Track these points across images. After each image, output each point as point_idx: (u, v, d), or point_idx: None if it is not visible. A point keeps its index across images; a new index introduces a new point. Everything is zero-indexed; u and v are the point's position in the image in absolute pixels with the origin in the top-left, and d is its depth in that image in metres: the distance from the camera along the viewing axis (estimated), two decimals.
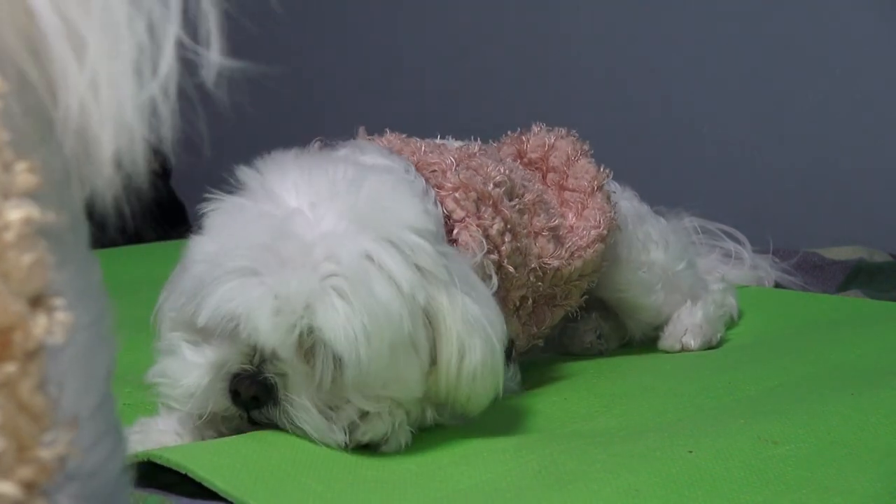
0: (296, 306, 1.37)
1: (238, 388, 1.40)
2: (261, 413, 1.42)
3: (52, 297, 0.66)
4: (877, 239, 2.76)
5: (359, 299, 1.37)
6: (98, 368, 0.76)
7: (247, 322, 1.38)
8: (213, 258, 1.41)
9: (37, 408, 0.64)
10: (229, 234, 1.43)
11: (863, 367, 1.79)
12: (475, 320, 1.46)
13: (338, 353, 1.38)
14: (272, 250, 1.38)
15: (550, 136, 1.87)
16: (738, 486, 1.31)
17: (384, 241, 1.41)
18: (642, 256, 1.94)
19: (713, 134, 3.12)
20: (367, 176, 1.48)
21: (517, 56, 3.39)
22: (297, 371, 1.40)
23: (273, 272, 1.37)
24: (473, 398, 1.48)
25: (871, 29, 2.90)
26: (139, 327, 2.05)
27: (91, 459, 0.74)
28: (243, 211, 1.45)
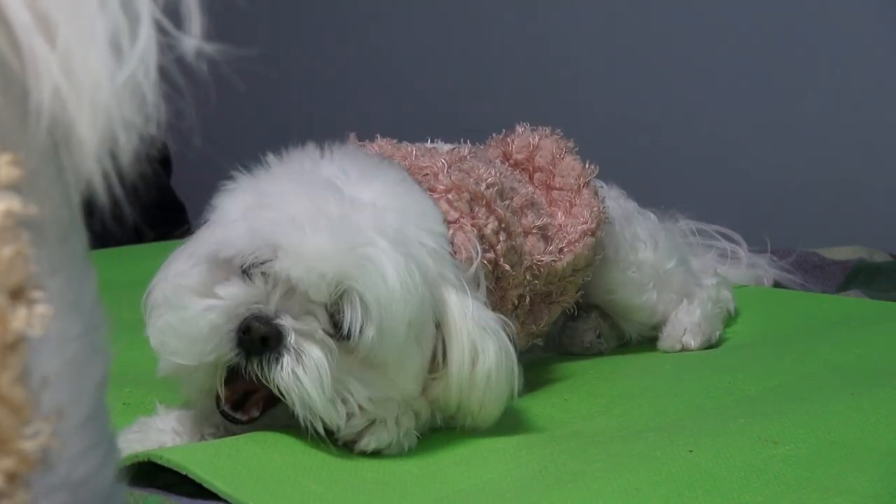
0: (336, 256, 1.37)
1: (250, 324, 1.37)
2: (261, 365, 1.37)
3: (32, 290, 0.65)
4: (877, 239, 2.76)
5: (394, 268, 1.39)
6: (90, 378, 0.75)
7: (286, 255, 1.37)
8: (257, 201, 1.42)
9: (17, 400, 0.64)
10: (273, 184, 1.44)
11: (863, 367, 1.79)
12: (487, 324, 1.48)
13: (367, 303, 1.37)
14: (319, 201, 1.40)
15: (535, 136, 1.87)
16: (738, 486, 1.31)
17: (419, 230, 1.45)
18: (631, 256, 1.94)
19: (713, 134, 3.12)
20: (407, 180, 1.54)
21: (512, 55, 3.38)
22: (322, 324, 1.39)
23: (318, 220, 1.38)
24: (486, 405, 1.48)
25: (871, 29, 2.90)
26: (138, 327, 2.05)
27: (81, 468, 0.73)
28: (285, 169, 1.47)
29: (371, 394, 1.42)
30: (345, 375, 1.41)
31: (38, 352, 0.67)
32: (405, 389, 1.46)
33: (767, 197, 3.04)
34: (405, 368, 1.45)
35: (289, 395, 1.38)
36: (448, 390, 1.47)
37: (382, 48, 3.60)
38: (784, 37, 3.00)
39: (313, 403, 1.37)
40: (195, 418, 1.49)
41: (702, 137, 3.13)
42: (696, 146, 3.14)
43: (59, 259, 0.73)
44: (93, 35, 0.68)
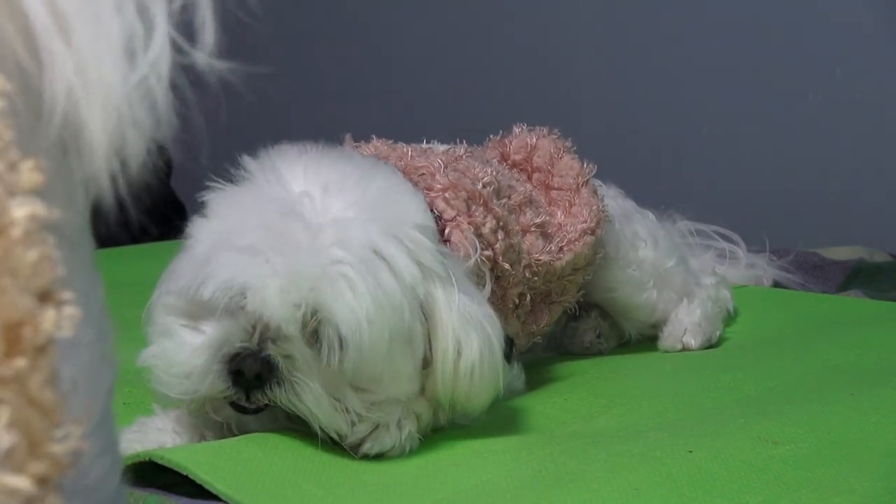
0: (303, 285, 1.37)
1: (241, 366, 1.38)
2: (262, 394, 1.39)
3: (60, 292, 0.66)
4: (877, 239, 2.76)
5: (365, 285, 1.38)
6: (100, 385, 0.77)
7: (255, 294, 1.37)
8: (222, 236, 1.42)
9: (47, 403, 0.64)
10: (237, 215, 1.44)
11: (863, 367, 1.79)
12: (471, 317, 1.47)
13: (342, 335, 1.38)
14: (281, 231, 1.39)
15: (532, 137, 1.87)
16: (738, 486, 1.31)
17: (389, 235, 1.43)
18: (631, 254, 1.94)
19: (712, 134, 3.12)
20: (376, 171, 1.52)
21: (510, 55, 3.38)
22: (301, 352, 1.39)
23: (282, 251, 1.38)
24: (474, 397, 1.48)
25: (871, 29, 2.90)
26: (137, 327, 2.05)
27: (92, 474, 0.75)
28: (251, 193, 1.46)
29: (370, 401, 1.43)
30: (340, 391, 1.42)
31: (66, 355, 0.68)
32: (404, 390, 1.46)
33: (767, 197, 3.04)
34: (399, 374, 1.45)
35: (295, 408, 1.40)
36: (434, 383, 1.47)
37: (379, 48, 3.60)
38: (784, 37, 3.00)
39: (318, 420, 1.40)
40: (195, 418, 1.49)
41: (701, 137, 3.13)
42: (696, 146, 3.14)
43: (72, 265, 0.73)
44: (108, 38, 0.69)
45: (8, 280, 0.63)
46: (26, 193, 0.66)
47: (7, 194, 0.65)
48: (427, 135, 1.87)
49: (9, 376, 0.63)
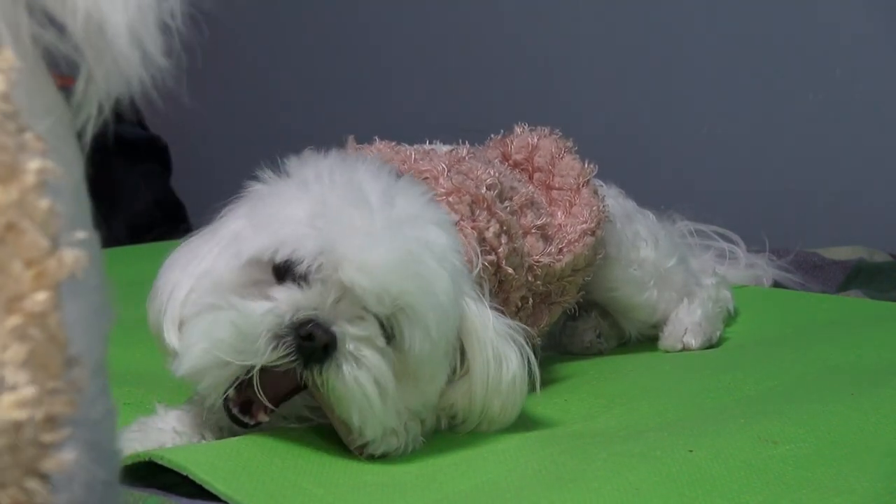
0: (400, 271, 1.38)
1: (313, 332, 1.35)
2: (320, 372, 1.36)
3: (69, 236, 0.71)
4: (877, 239, 2.76)
5: (442, 285, 1.41)
6: (101, 329, 0.81)
7: (352, 266, 1.36)
8: (319, 204, 1.41)
9: (63, 340, 0.68)
10: (333, 188, 1.43)
11: (863, 367, 1.79)
12: (506, 331, 1.50)
13: (423, 319, 1.39)
14: (373, 217, 1.40)
15: (533, 136, 1.87)
16: (738, 485, 1.31)
17: (450, 258, 1.46)
18: (632, 254, 1.94)
19: (712, 134, 3.12)
20: (428, 192, 1.54)
21: (511, 55, 3.38)
22: (373, 334, 1.39)
23: (378, 234, 1.39)
24: (507, 408, 1.51)
25: (871, 29, 2.90)
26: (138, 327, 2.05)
27: (95, 409, 0.78)
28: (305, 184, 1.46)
29: (406, 403, 1.44)
30: (390, 386, 1.41)
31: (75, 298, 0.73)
32: (430, 399, 1.47)
33: (767, 197, 3.04)
34: (436, 380, 1.46)
35: (345, 401, 1.37)
36: (473, 397, 1.49)
37: (380, 48, 3.60)
38: (784, 37, 3.00)
39: (373, 408, 1.38)
40: (195, 419, 1.49)
41: (701, 137, 3.13)
42: (696, 146, 3.14)
43: (74, 216, 0.78)
44: None
45: (27, 222, 0.68)
46: (34, 151, 0.70)
47: (19, 149, 0.69)
48: (428, 135, 1.87)
49: (36, 311, 0.67)
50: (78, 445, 0.73)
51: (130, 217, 3.31)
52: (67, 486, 0.73)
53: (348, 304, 1.39)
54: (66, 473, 0.72)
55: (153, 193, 3.37)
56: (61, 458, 0.68)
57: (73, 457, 0.69)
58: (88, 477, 0.76)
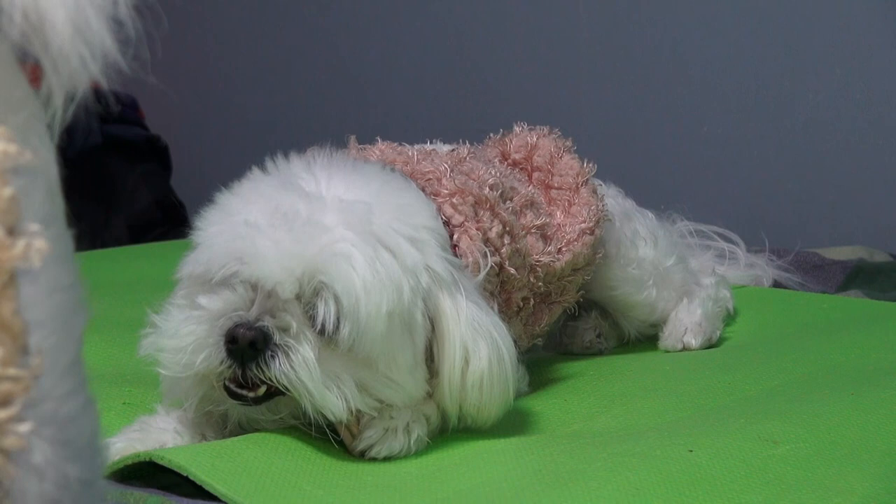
0: (301, 253, 1.39)
1: (235, 333, 1.38)
2: (257, 367, 1.38)
3: (28, 225, 0.71)
4: (877, 239, 2.76)
5: (363, 257, 1.40)
6: (74, 328, 0.81)
7: (252, 261, 1.39)
8: (223, 216, 1.45)
9: (17, 328, 0.70)
10: (241, 199, 1.46)
11: (863, 367, 1.79)
12: (480, 325, 1.47)
13: (340, 300, 1.38)
14: (282, 207, 1.42)
15: (532, 136, 1.87)
16: (738, 485, 1.31)
17: (393, 224, 1.45)
18: (631, 253, 1.94)
19: (712, 134, 3.12)
20: (388, 175, 1.54)
21: (512, 54, 3.38)
22: (298, 322, 1.39)
23: (282, 224, 1.40)
24: (484, 407, 1.48)
25: (871, 29, 2.90)
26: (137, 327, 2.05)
27: (66, 408, 0.79)
28: (256, 183, 1.48)
29: (368, 389, 1.43)
30: (336, 372, 1.41)
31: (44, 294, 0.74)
32: (404, 387, 1.45)
33: (767, 197, 3.04)
34: (396, 362, 1.44)
35: (291, 388, 1.39)
36: (441, 392, 1.47)
37: (382, 49, 3.60)
38: (784, 37, 3.00)
39: (311, 395, 1.38)
40: (196, 419, 1.50)
41: (701, 137, 3.13)
42: (696, 146, 3.14)
43: (48, 212, 0.78)
44: None
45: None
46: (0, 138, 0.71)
47: None
48: (428, 135, 1.86)
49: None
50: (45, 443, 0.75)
51: (130, 217, 3.31)
52: (38, 482, 0.74)
53: (269, 300, 1.40)
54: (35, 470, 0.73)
55: (153, 193, 3.37)
56: (20, 434, 0.69)
57: (29, 429, 0.70)
58: (60, 475, 0.77)
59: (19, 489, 0.73)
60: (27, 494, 0.74)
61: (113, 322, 2.01)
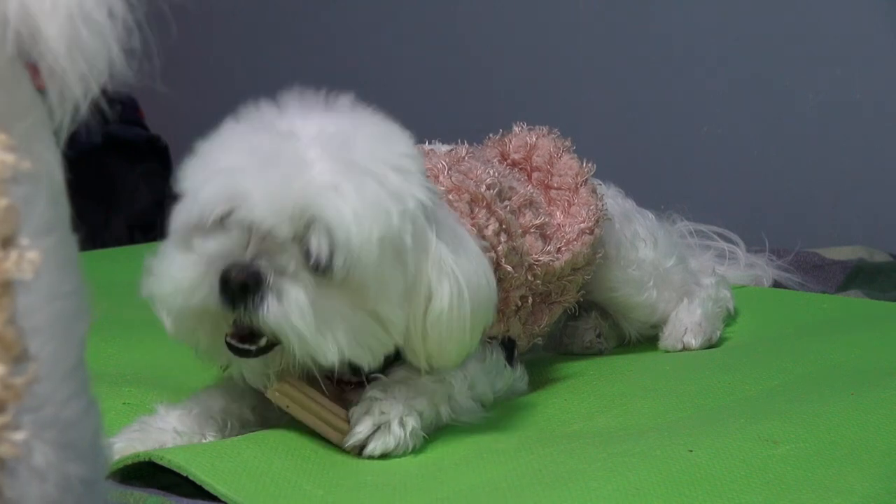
0: (292, 189, 1.39)
1: (228, 274, 1.38)
2: (249, 311, 1.38)
3: (22, 238, 0.71)
4: (877, 239, 2.76)
5: (351, 186, 1.40)
6: (75, 334, 0.82)
7: (244, 202, 1.39)
8: (208, 162, 1.45)
9: (9, 338, 0.70)
10: (224, 144, 1.46)
11: (863, 367, 1.79)
12: (445, 264, 1.47)
13: (332, 231, 1.38)
14: (269, 147, 1.42)
15: (532, 136, 1.87)
16: (738, 485, 1.31)
17: (378, 160, 1.45)
18: (631, 254, 1.94)
19: (712, 134, 3.12)
20: (364, 110, 1.54)
21: (512, 55, 3.38)
22: (293, 261, 1.39)
23: (270, 163, 1.40)
24: (443, 347, 1.48)
25: (871, 29, 2.90)
26: (137, 327, 2.05)
27: (67, 411, 0.80)
28: (238, 126, 1.48)
29: (360, 337, 1.43)
30: (328, 314, 1.40)
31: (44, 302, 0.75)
32: (396, 324, 1.45)
33: (767, 197, 3.04)
34: (388, 293, 1.44)
35: (281, 334, 1.39)
36: (408, 326, 1.47)
37: (382, 49, 3.60)
38: (784, 37, 3.00)
39: (302, 338, 1.38)
40: (197, 418, 1.50)
41: (701, 138, 3.13)
42: (696, 146, 3.14)
43: (52, 219, 0.78)
44: None
45: None
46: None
47: None
48: (427, 135, 1.86)
49: None
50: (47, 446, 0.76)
51: (130, 217, 3.31)
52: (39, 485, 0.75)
53: (264, 241, 1.40)
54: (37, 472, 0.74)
55: (153, 193, 3.37)
56: (14, 442, 0.70)
57: (24, 437, 0.71)
58: (62, 476, 0.77)
59: (20, 492, 0.74)
60: (28, 497, 0.74)
61: (113, 322, 2.01)
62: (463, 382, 1.55)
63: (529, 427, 1.57)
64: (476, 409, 1.56)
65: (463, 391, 1.54)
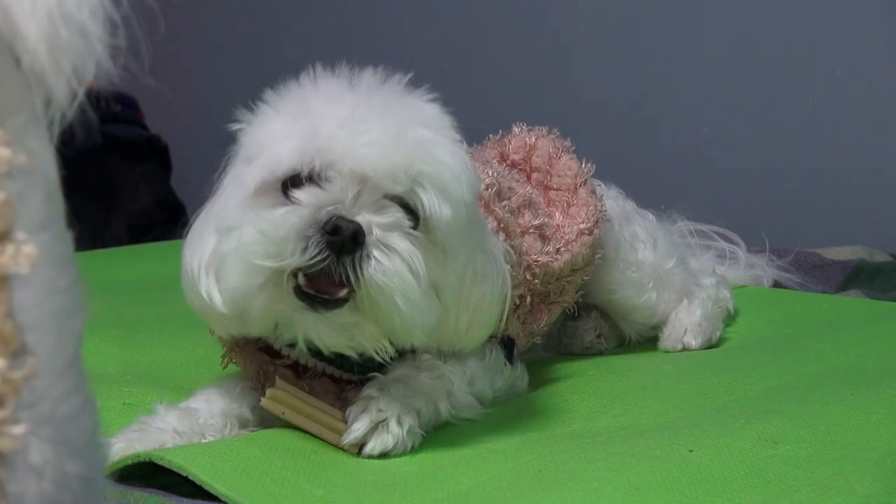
0: (401, 143, 1.40)
1: (338, 224, 1.35)
2: (353, 264, 1.35)
3: (18, 232, 0.71)
4: (877, 239, 2.76)
5: (450, 149, 1.44)
6: (72, 329, 0.82)
7: (354, 154, 1.38)
8: (296, 114, 1.43)
9: (7, 333, 0.70)
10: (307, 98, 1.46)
11: (863, 367, 1.79)
12: (490, 246, 1.53)
13: (436, 184, 1.40)
14: (358, 102, 1.43)
15: (531, 136, 1.88)
16: (738, 485, 1.31)
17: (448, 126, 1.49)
18: (630, 256, 1.94)
19: (713, 134, 3.12)
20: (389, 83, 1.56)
21: (513, 55, 3.38)
22: (396, 213, 1.40)
23: (370, 117, 1.41)
24: (474, 326, 1.51)
25: (871, 29, 2.90)
26: (137, 327, 2.05)
27: (64, 407, 0.80)
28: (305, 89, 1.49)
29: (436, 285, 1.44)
30: (425, 268, 1.41)
31: (41, 297, 0.75)
32: (445, 288, 1.46)
33: (767, 197, 3.04)
34: (460, 257, 1.46)
35: (385, 291, 1.37)
36: (445, 305, 1.47)
37: (381, 49, 3.60)
38: (784, 37, 3.00)
39: (413, 294, 1.38)
40: (197, 417, 1.50)
41: (701, 138, 3.14)
42: (696, 146, 3.14)
43: (47, 214, 0.78)
44: None
45: None
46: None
47: None
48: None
49: None
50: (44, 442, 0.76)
51: (130, 217, 3.31)
52: (36, 482, 0.75)
53: (367, 193, 1.39)
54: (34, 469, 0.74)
55: (153, 193, 3.37)
56: (14, 435, 0.71)
57: (22, 431, 0.71)
58: (59, 473, 0.78)
59: (17, 489, 0.74)
60: (26, 494, 0.74)
61: (113, 322, 2.02)
62: (462, 379, 1.55)
63: (529, 427, 1.57)
64: (475, 405, 1.56)
65: (462, 387, 1.54)
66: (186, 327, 1.99)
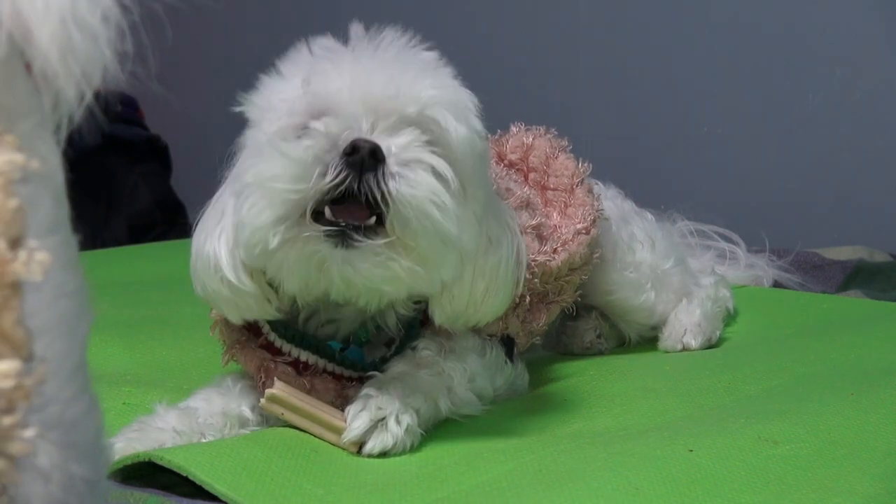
0: (406, 78, 1.44)
1: (356, 144, 1.37)
2: (377, 181, 1.37)
3: (30, 239, 0.72)
4: (877, 239, 2.76)
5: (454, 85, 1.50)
6: (78, 333, 0.82)
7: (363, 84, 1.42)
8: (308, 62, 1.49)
9: (18, 339, 0.71)
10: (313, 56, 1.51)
11: (863, 367, 1.79)
12: (504, 217, 1.55)
13: (450, 105, 1.44)
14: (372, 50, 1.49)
15: (528, 136, 1.88)
16: (738, 485, 1.31)
17: (451, 75, 1.53)
18: (628, 257, 1.94)
19: (713, 134, 3.12)
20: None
21: (513, 54, 3.38)
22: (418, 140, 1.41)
23: (373, 63, 1.45)
24: (489, 297, 1.52)
25: (871, 29, 2.90)
26: (137, 327, 2.05)
27: (71, 411, 0.80)
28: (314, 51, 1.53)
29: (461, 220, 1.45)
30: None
31: (49, 301, 0.76)
32: (463, 239, 1.45)
33: (767, 197, 3.04)
34: (479, 196, 1.48)
35: (413, 203, 1.38)
36: (460, 274, 1.49)
37: None
38: (784, 37, 3.00)
39: (442, 199, 1.40)
40: (197, 417, 1.50)
41: (702, 138, 3.14)
42: (696, 146, 3.14)
43: (56, 219, 0.79)
44: None
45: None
46: (5, 147, 0.72)
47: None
48: None
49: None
50: (52, 446, 0.76)
51: (130, 217, 3.32)
52: (44, 485, 0.76)
53: (384, 120, 1.42)
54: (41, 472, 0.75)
55: (153, 193, 3.37)
56: (26, 439, 0.71)
57: (33, 434, 0.72)
58: (65, 476, 0.78)
59: (25, 492, 0.74)
60: (33, 497, 0.75)
61: (113, 322, 2.02)
62: (463, 375, 1.55)
63: (529, 427, 1.57)
64: (476, 402, 1.56)
65: (463, 384, 1.54)
66: (186, 327, 1.99)
